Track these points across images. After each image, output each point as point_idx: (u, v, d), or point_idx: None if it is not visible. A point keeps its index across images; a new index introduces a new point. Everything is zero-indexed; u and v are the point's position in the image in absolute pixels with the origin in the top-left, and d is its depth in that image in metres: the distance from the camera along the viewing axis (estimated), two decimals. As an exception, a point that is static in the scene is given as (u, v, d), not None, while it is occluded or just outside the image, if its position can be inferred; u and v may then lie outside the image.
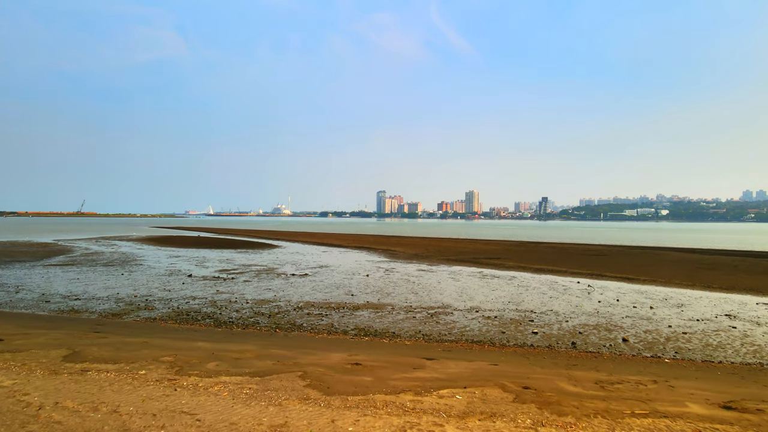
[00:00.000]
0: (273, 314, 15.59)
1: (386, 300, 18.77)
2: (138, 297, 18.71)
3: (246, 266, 31.13)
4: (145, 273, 26.84)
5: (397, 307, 17.20)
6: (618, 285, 23.78)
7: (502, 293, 20.86)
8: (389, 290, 21.40)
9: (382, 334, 12.95)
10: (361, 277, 25.89)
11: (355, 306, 17.35)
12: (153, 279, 24.26)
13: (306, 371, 7.43)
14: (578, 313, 16.49)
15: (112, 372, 7.04)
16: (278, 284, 22.87)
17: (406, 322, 14.75)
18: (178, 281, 23.48)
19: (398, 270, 29.79)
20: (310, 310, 16.52)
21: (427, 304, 18.04)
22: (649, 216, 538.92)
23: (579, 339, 12.73)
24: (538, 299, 19.32)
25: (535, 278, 26.21)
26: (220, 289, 20.94)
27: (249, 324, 14.00)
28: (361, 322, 14.56)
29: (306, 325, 14.09)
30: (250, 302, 17.85)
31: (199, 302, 17.70)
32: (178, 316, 15.12)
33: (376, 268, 30.99)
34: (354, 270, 29.53)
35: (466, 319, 15.33)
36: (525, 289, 22.00)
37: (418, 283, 23.74)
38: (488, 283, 24.21)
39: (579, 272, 28.84)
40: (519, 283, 24.03)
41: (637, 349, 11.70)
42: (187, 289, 20.86)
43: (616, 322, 15.03)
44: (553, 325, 14.52)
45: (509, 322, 14.79)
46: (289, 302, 17.96)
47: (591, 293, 21.08)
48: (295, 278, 25.24)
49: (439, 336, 12.91)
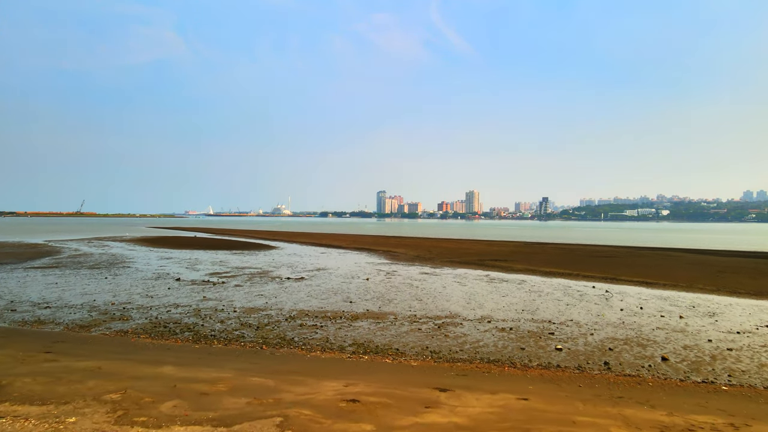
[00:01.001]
0: (261, 326, 13.90)
1: (388, 308, 17.09)
2: (115, 305, 17.03)
3: (239, 269, 29.45)
4: (131, 277, 25.16)
5: (400, 317, 15.53)
6: (637, 290, 22.09)
7: (514, 300, 19.17)
8: (391, 296, 19.73)
9: (384, 352, 11.26)
10: (360, 281, 24.21)
11: (354, 315, 15.67)
12: (137, 283, 22.58)
13: (287, 416, 5.75)
14: (602, 324, 14.80)
15: (31, 420, 5.36)
16: (271, 289, 21.19)
17: (410, 335, 13.07)
18: (164, 286, 21.80)
19: (400, 273, 28.12)
20: (304, 320, 14.84)
21: (433, 312, 16.36)
22: (650, 216, 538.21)
23: (611, 358, 11.03)
24: (554, 307, 17.63)
25: (546, 282, 24.52)
26: (207, 296, 19.26)
27: (233, 338, 12.31)
28: (361, 336, 12.88)
29: (298, 339, 12.40)
30: (238, 311, 16.16)
31: (181, 311, 16.01)
32: (154, 328, 13.43)
33: (377, 271, 29.31)
34: (353, 273, 27.85)
35: (477, 331, 13.64)
36: (538, 295, 20.31)
37: (421, 288, 22.06)
38: (497, 288, 22.53)
39: (592, 276, 27.14)
40: (530, 288, 22.35)
41: (683, 372, 10.00)
42: (172, 296, 19.18)
43: (647, 335, 13.34)
44: (578, 339, 12.83)
45: (527, 336, 13.10)
46: (281, 311, 16.28)
47: (610, 300, 19.40)
48: (290, 282, 23.56)
49: (450, 354, 11.22)
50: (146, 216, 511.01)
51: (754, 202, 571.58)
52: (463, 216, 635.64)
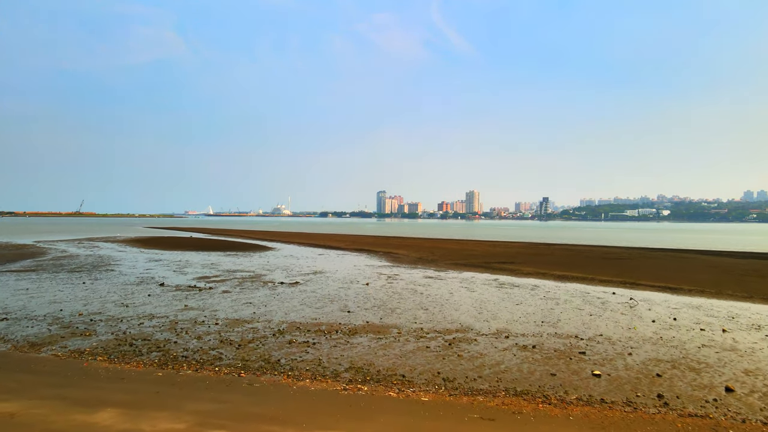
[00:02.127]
0: (244, 343, 11.98)
1: (390, 319, 15.17)
2: (83, 316, 15.10)
3: (230, 272, 27.53)
4: (112, 281, 23.24)
5: (404, 330, 13.61)
6: (663, 297, 20.17)
7: (530, 309, 17.25)
8: (393, 304, 17.81)
9: (388, 380, 9.33)
10: (359, 287, 22.30)
11: (352, 329, 13.75)
12: (116, 289, 20.66)
13: None
14: (637, 339, 12.88)
15: None
16: (262, 296, 19.27)
17: (418, 355, 11.15)
18: (145, 293, 19.89)
19: (402, 277, 26.20)
20: (294, 335, 12.92)
21: (441, 325, 14.44)
22: (651, 216, 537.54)
23: (663, 388, 9.11)
24: (577, 318, 15.71)
25: (561, 288, 22.60)
26: (189, 304, 17.34)
27: (207, 361, 10.39)
28: (359, 356, 10.96)
29: (284, 361, 10.48)
30: (220, 323, 14.24)
31: (156, 323, 14.09)
32: (117, 347, 11.50)
33: (377, 274, 27.39)
34: (352, 277, 25.92)
35: (496, 349, 11.72)
36: (555, 303, 18.38)
37: (426, 295, 20.15)
38: (509, 294, 20.61)
39: (609, 280, 25.22)
40: (545, 295, 20.43)
41: (758, 408, 8.08)
42: (150, 304, 17.25)
43: (695, 355, 11.41)
44: (615, 360, 10.90)
45: (554, 356, 11.18)
46: (269, 323, 14.35)
47: (636, 309, 17.48)
48: (283, 288, 21.65)
49: (468, 382, 9.30)
50: (145, 216, 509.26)
51: (755, 202, 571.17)
52: (463, 216, 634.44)
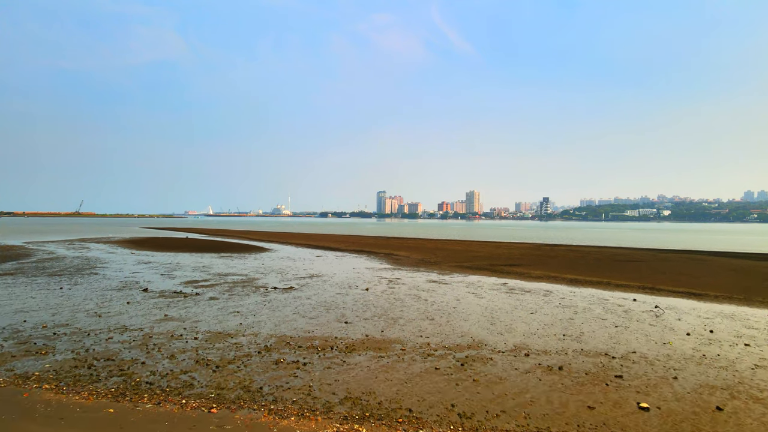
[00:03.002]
0: (224, 364, 10.30)
1: (393, 332, 13.50)
2: (47, 328, 13.42)
3: (222, 276, 25.86)
4: (92, 286, 21.57)
5: (409, 346, 11.94)
6: (689, 304, 18.49)
7: (547, 319, 15.57)
8: (396, 313, 16.13)
9: (391, 417, 7.63)
10: (358, 292, 20.62)
11: (350, 344, 12.07)
12: (94, 296, 18.98)
13: None
14: (677, 358, 11.20)
15: None
16: (252, 304, 17.59)
17: (426, 379, 9.48)
18: (124, 300, 18.21)
19: (404, 281, 24.52)
20: (283, 352, 11.24)
21: (451, 339, 12.76)
22: (651, 216, 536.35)
23: (731, 427, 7.42)
24: (602, 330, 14.03)
25: (576, 294, 20.93)
26: (170, 314, 15.66)
27: (174, 389, 8.70)
28: (357, 382, 9.29)
29: (267, 389, 8.79)
30: (200, 337, 12.57)
31: (127, 338, 12.40)
32: (72, 370, 9.82)
33: (378, 278, 25.71)
34: (351, 281, 24.24)
35: (516, 372, 10.04)
36: (574, 312, 16.70)
37: (431, 302, 18.47)
38: (520, 301, 18.93)
39: (626, 285, 23.53)
40: (560, 302, 18.75)
41: None
42: (127, 314, 15.58)
43: (750, 379, 9.72)
44: (660, 386, 9.21)
45: (587, 380, 9.51)
46: (256, 337, 12.68)
47: (664, 318, 15.80)
48: (275, 294, 19.97)
49: (488, 418, 7.60)
50: (144, 216, 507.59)
51: (756, 202, 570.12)
52: (463, 216, 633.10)
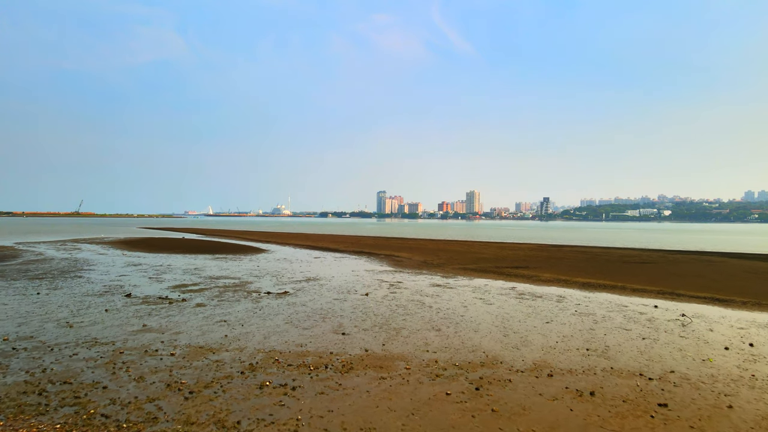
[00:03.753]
0: (199, 388, 8.85)
1: (395, 345, 12.06)
2: (8, 341, 11.95)
3: (213, 279, 24.41)
4: (72, 291, 20.13)
5: (414, 364, 10.50)
6: (716, 312, 17.02)
7: (565, 329, 14.12)
8: (398, 322, 14.69)
9: (396, 463, 6.23)
10: (357, 298, 19.17)
11: (347, 362, 10.63)
12: (71, 302, 17.53)
13: None
14: (723, 379, 9.75)
15: None
16: (241, 311, 16.15)
17: (435, 408, 8.03)
18: (103, 306, 16.75)
19: (406, 285, 23.08)
20: (269, 372, 9.80)
21: (461, 354, 11.30)
22: (652, 216, 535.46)
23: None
24: (629, 343, 12.58)
25: (591, 300, 19.48)
26: (150, 323, 14.21)
27: (133, 425, 7.19)
28: (354, 413, 7.84)
29: (245, 425, 7.30)
30: (178, 353, 11.11)
31: (93, 355, 10.95)
32: (19, 397, 8.29)
33: (378, 282, 24.26)
34: (349, 285, 22.79)
35: (541, 398, 8.59)
36: (593, 321, 15.25)
37: (436, 309, 17.02)
38: (533, 308, 17.48)
39: (642, 289, 22.09)
40: (576, 309, 17.30)
41: None
42: (102, 323, 14.13)
43: (818, 406, 8.30)
44: (716, 420, 7.74)
45: (627, 410, 8.05)
46: (241, 352, 11.23)
47: (692, 327, 14.35)
48: (268, 300, 18.53)
49: (516, 466, 6.21)
50: (144, 216, 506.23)
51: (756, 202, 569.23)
52: (463, 216, 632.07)
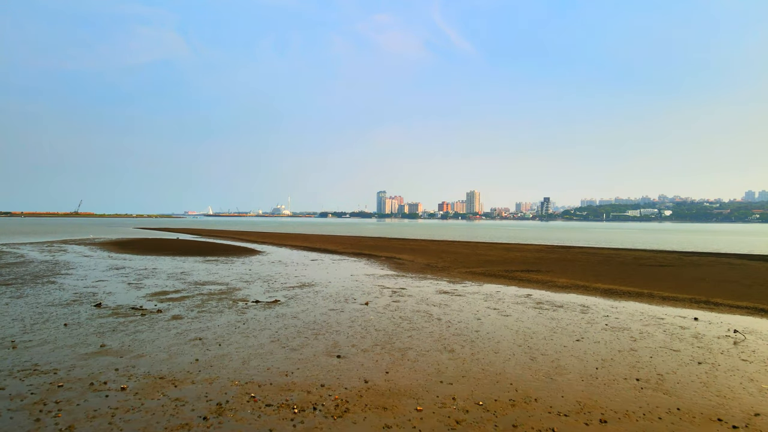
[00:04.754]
0: (143, 445, 6.69)
1: (402, 372, 9.86)
2: (-72, 369, 9.81)
3: (198, 285, 22.24)
4: (38, 299, 17.93)
5: (427, 403, 8.30)
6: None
7: (600, 349, 11.92)
8: (404, 340, 12.50)
9: None
10: (356, 308, 16.99)
11: (341, 400, 8.42)
12: (31, 313, 15.34)
13: None
14: (825, 425, 7.58)
15: None
16: (222, 326, 13.96)
17: (461, 479, 5.86)
18: (63, 319, 14.54)
19: (411, 292, 20.90)
20: (241, 420, 7.60)
21: (484, 387, 9.09)
22: (653, 216, 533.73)
23: None
24: (683, 369, 10.37)
25: (619, 310, 17.27)
26: (110, 343, 12.02)
27: None
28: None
29: None
30: (130, 387, 8.91)
31: (23, 390, 8.73)
32: None
33: (379, 288, 22.08)
34: (347, 292, 20.60)
35: (600, 459, 6.41)
36: (630, 339, 13.04)
37: (446, 322, 14.84)
38: (556, 321, 15.29)
39: (673, 298, 19.88)
40: (606, 322, 15.10)
41: None
42: (53, 343, 11.93)
43: None
44: None
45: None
46: (210, 386, 9.04)
47: (748, 346, 12.17)
48: (255, 311, 16.35)
49: None
50: (143, 216, 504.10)
51: (757, 203, 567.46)
52: (463, 216, 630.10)
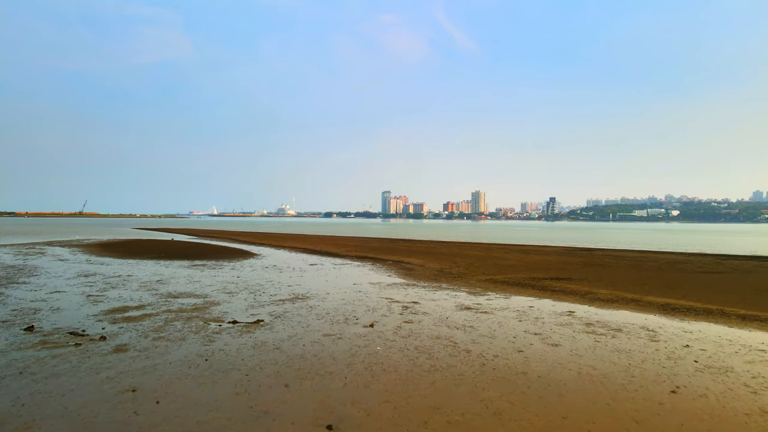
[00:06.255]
0: None
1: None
2: None
3: (170, 298, 18.49)
4: (-41, 320, 14.25)
5: None
6: None
7: (715, 406, 8.03)
8: (424, 392, 8.64)
9: None
10: (358, 333, 13.16)
11: None
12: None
13: None
14: None
15: None
16: (175, 363, 10.18)
17: None
18: (-35, 353, 10.86)
19: (425, 307, 17.06)
20: None
21: None
22: (660, 217, 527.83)
23: None
24: None
25: (695, 335, 13.34)
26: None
27: None
28: None
29: None
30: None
31: None
32: None
33: (387, 301, 18.25)
34: (348, 308, 16.77)
35: None
36: (745, 387, 9.11)
37: (478, 355, 10.99)
38: (622, 353, 11.40)
39: (754, 316, 15.88)
40: (693, 357, 11.18)
41: None
42: None
43: None
44: None
45: None
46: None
47: None
48: (228, 337, 12.58)
49: None
50: (146, 216, 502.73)
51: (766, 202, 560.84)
52: (469, 216, 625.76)
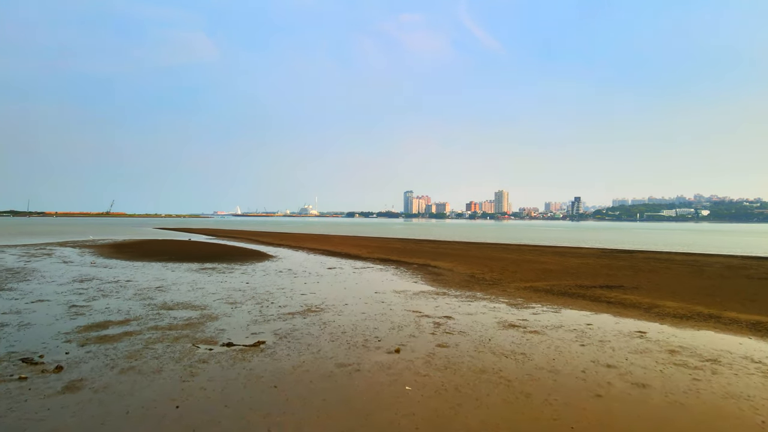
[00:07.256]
0: None
1: None
2: None
3: (162, 310, 16.03)
4: None
5: None
6: None
7: None
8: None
9: None
10: (380, 363, 10.33)
11: None
12: None
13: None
14: None
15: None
16: (137, 409, 7.52)
17: None
18: None
19: (461, 323, 14.15)
20: None
21: None
22: (689, 216, 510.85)
23: None
24: None
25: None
26: None
27: None
28: None
29: None
30: None
31: None
32: None
33: (415, 316, 15.40)
34: (368, 327, 13.96)
35: None
36: None
37: (543, 403, 8.06)
38: (738, 395, 8.32)
39: None
40: None
41: None
42: None
43: None
44: None
45: None
46: None
47: None
48: (216, 368, 9.93)
49: None
50: (171, 216, 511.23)
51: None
52: (492, 216, 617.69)
